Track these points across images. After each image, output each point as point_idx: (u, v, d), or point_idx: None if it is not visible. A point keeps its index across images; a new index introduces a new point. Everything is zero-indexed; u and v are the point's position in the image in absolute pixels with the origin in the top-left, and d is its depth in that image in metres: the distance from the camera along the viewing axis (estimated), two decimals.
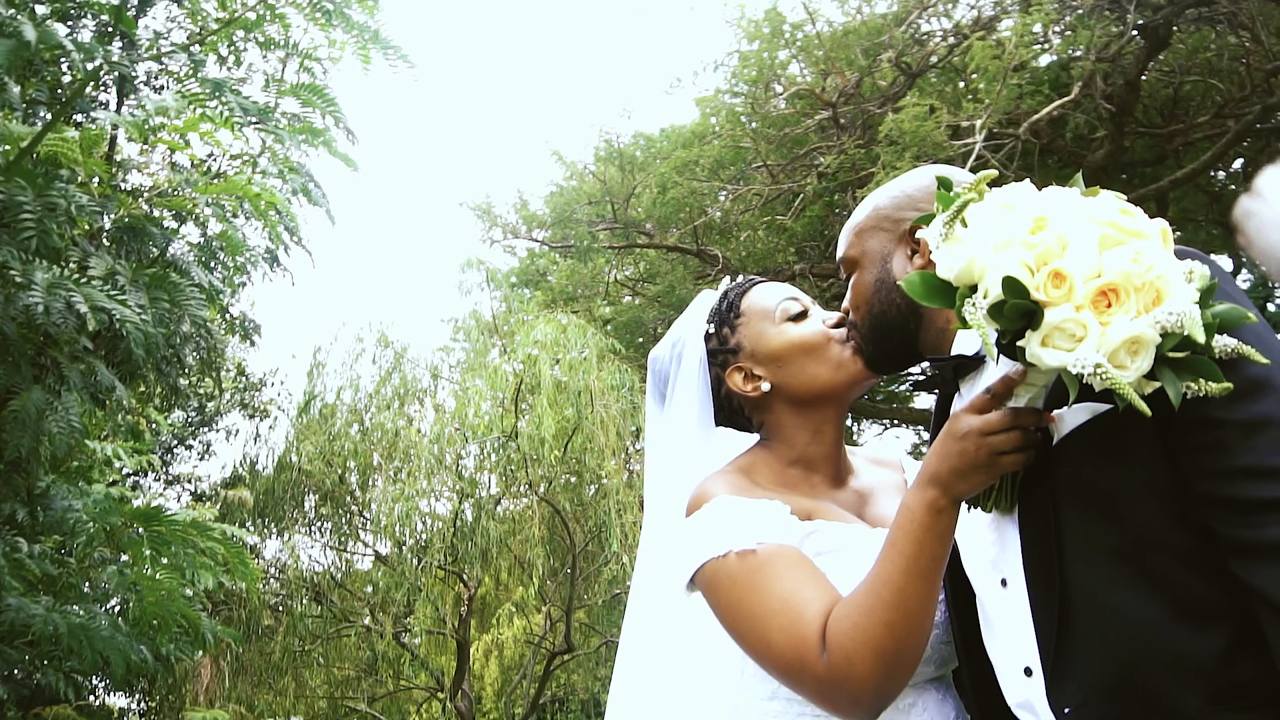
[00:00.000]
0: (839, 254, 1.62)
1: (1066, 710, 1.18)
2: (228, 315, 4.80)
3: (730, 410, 1.69)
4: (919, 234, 1.30)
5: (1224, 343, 1.09)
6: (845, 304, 1.59)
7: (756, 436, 1.69)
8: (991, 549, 1.32)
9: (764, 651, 1.36)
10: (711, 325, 1.69)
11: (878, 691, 1.28)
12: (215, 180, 3.30)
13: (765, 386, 1.62)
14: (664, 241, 12.84)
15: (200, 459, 10.96)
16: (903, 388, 13.70)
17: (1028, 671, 1.25)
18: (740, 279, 1.76)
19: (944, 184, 1.25)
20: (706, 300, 1.75)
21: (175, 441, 10.13)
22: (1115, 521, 1.16)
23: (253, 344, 4.81)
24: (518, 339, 10.14)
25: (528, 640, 12.91)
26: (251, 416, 10.46)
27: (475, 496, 9.97)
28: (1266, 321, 1.18)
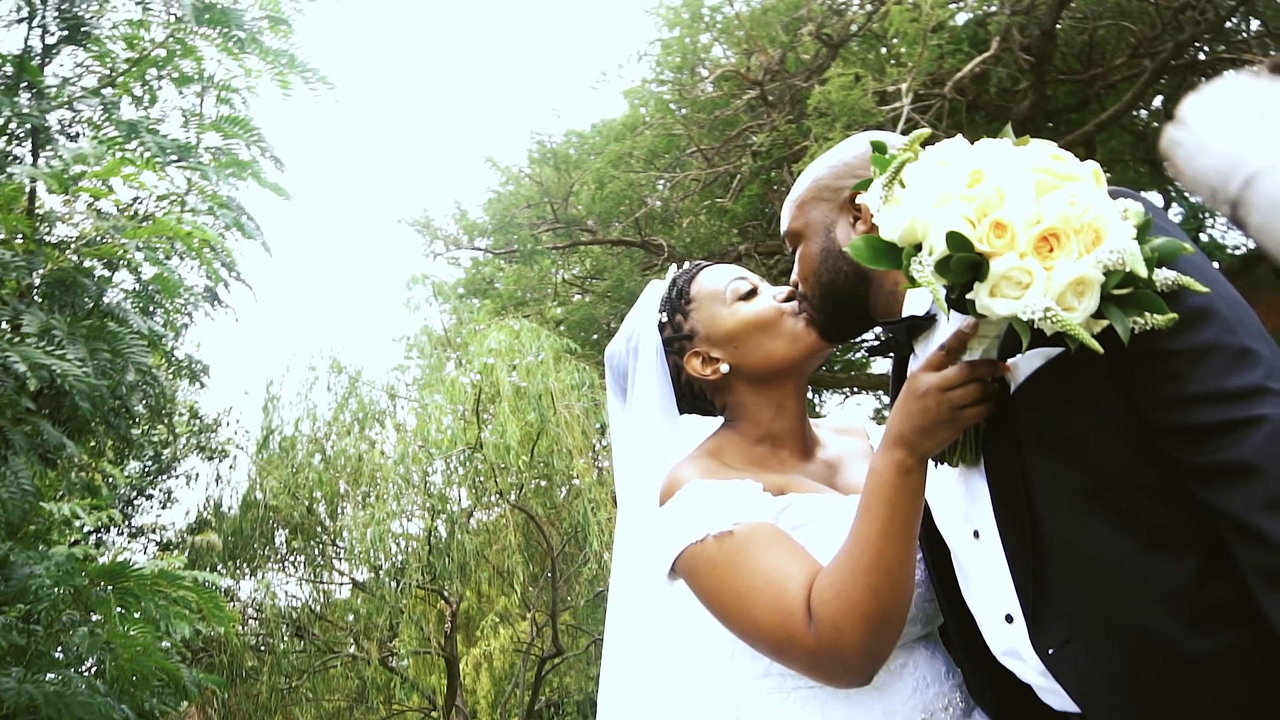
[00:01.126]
0: (783, 228, 1.62)
1: (1050, 651, 1.20)
2: (173, 359, 4.70)
3: (692, 396, 1.70)
4: (859, 199, 1.31)
5: (1165, 275, 1.11)
6: (794, 277, 1.59)
7: (721, 419, 1.69)
8: (961, 502, 1.33)
9: (751, 630, 1.36)
10: (664, 314, 1.69)
11: (868, 656, 1.29)
12: (144, 224, 3.22)
13: (724, 368, 1.62)
14: (607, 236, 12.83)
15: (162, 508, 10.73)
16: (858, 355, 13.83)
17: (1008, 618, 1.26)
18: (687, 265, 1.75)
19: (878, 148, 1.26)
20: (656, 290, 1.75)
21: (134, 493, 9.90)
22: (1079, 462, 1.18)
23: (202, 385, 4.72)
24: (472, 349, 10.06)
25: (516, 649, 12.85)
26: (210, 459, 10.26)
27: (447, 512, 9.89)
28: (1201, 251, 1.21)
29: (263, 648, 10.03)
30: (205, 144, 3.38)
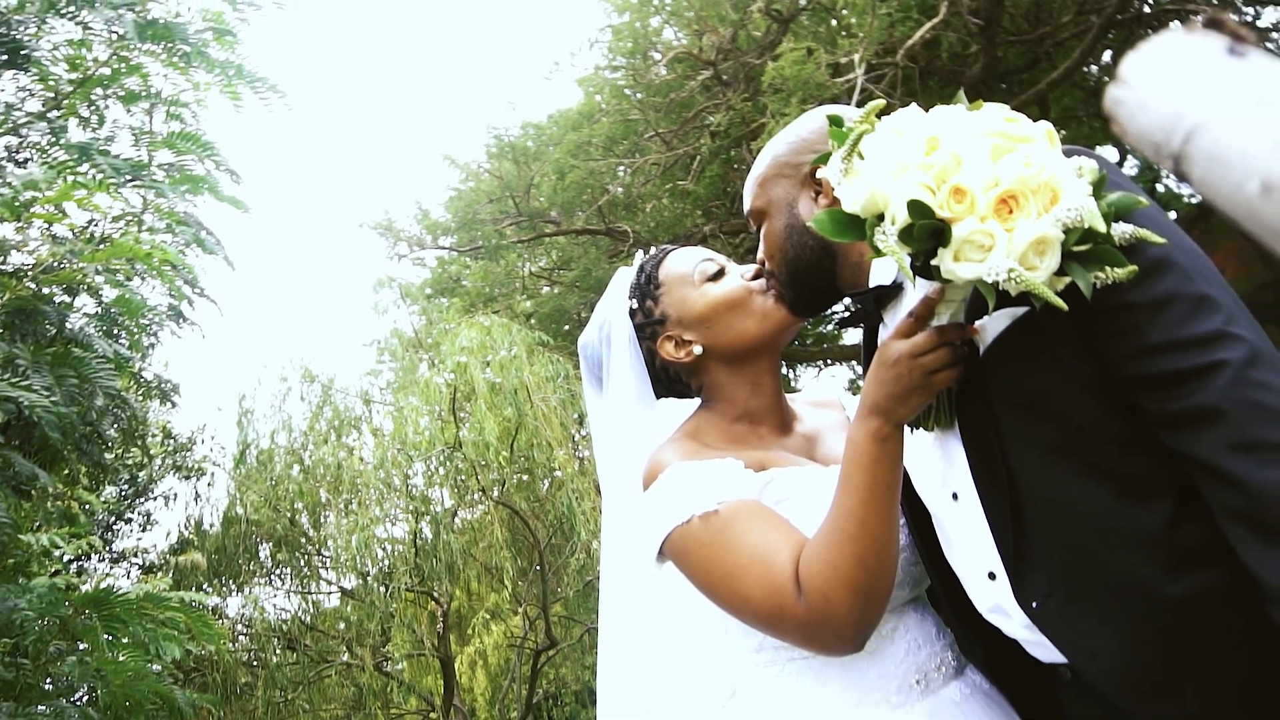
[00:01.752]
0: (746, 207, 1.63)
1: (1034, 605, 1.23)
2: (141, 380, 4.64)
3: (668, 380, 1.71)
4: (819, 174, 1.32)
5: (1122, 230, 1.13)
6: (760, 254, 1.61)
7: (698, 401, 1.71)
8: (939, 466, 1.35)
9: (743, 606, 1.37)
10: (634, 301, 1.69)
11: (859, 623, 1.31)
12: (101, 246, 3.17)
13: (697, 349, 1.63)
14: (571, 227, 12.80)
15: (142, 531, 10.61)
16: (830, 327, 13.90)
17: (991, 576, 1.29)
18: (653, 250, 1.76)
19: (835, 122, 1.27)
20: (625, 277, 1.75)
21: (113, 518, 9.79)
22: (1051, 419, 1.20)
23: (174, 405, 4.66)
24: (443, 349, 10.01)
25: (510, 644, 12.85)
26: (187, 478, 10.15)
27: (430, 513, 9.85)
28: (1156, 204, 1.23)
29: (255, 663, 9.98)
30: (158, 161, 3.33)
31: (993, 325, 1.24)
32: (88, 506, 6.10)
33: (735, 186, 12.07)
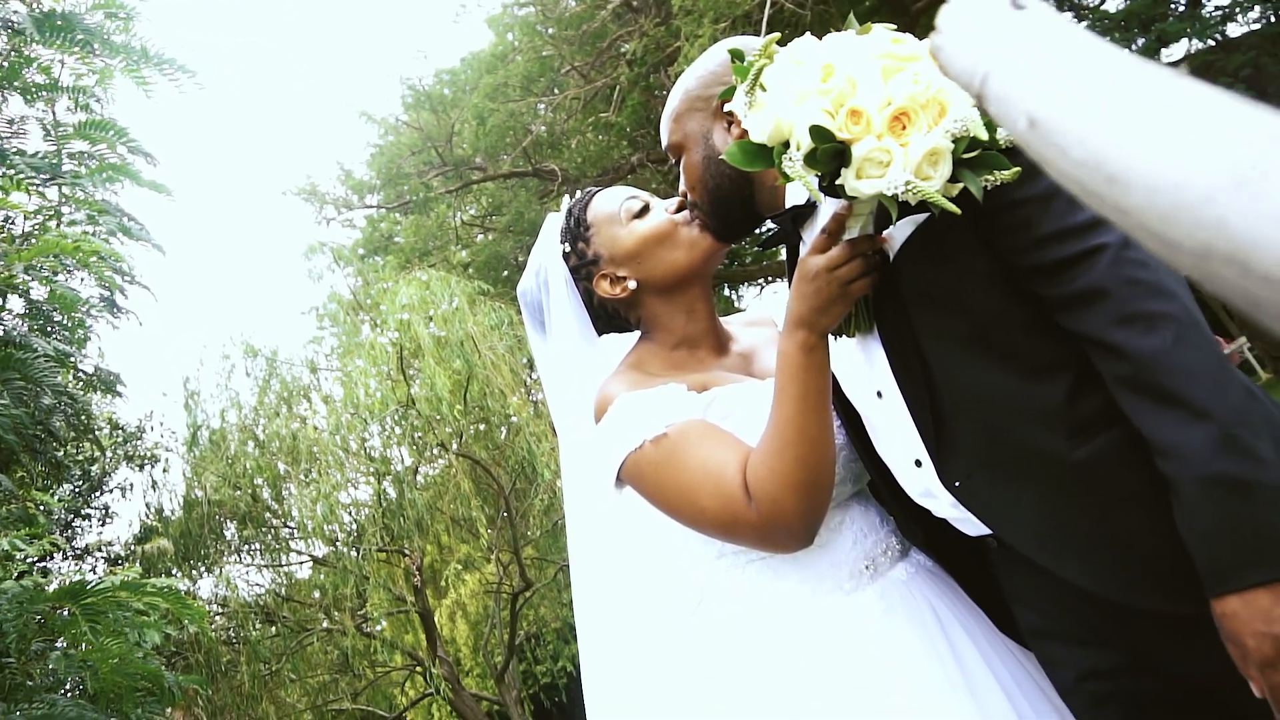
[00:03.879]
0: (664, 143, 1.70)
1: (957, 485, 1.35)
2: (81, 374, 4.57)
3: (608, 316, 1.78)
4: (727, 107, 1.39)
5: (1005, 133, 1.23)
6: (681, 187, 1.68)
7: (638, 333, 1.79)
8: (863, 368, 1.46)
9: (699, 518, 1.48)
10: (566, 244, 1.76)
11: (806, 520, 1.43)
12: (24, 245, 3.11)
13: (631, 285, 1.71)
14: (498, 171, 12.68)
15: (102, 525, 10.51)
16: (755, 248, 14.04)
17: (917, 463, 1.41)
18: (579, 194, 1.82)
19: (737, 55, 1.34)
20: (555, 223, 1.82)
21: (71, 516, 9.68)
22: (959, 312, 1.31)
23: (118, 395, 4.62)
24: (384, 308, 9.95)
25: (486, 591, 13.05)
26: (141, 467, 10.04)
27: (391, 473, 9.89)
28: None
29: (236, 640, 10.03)
30: (72, 150, 3.26)
31: (899, 233, 1.33)
32: (44, 506, 6.05)
33: (658, 114, 12.00)
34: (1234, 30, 14.50)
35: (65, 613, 3.09)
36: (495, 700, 12.97)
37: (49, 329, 3.47)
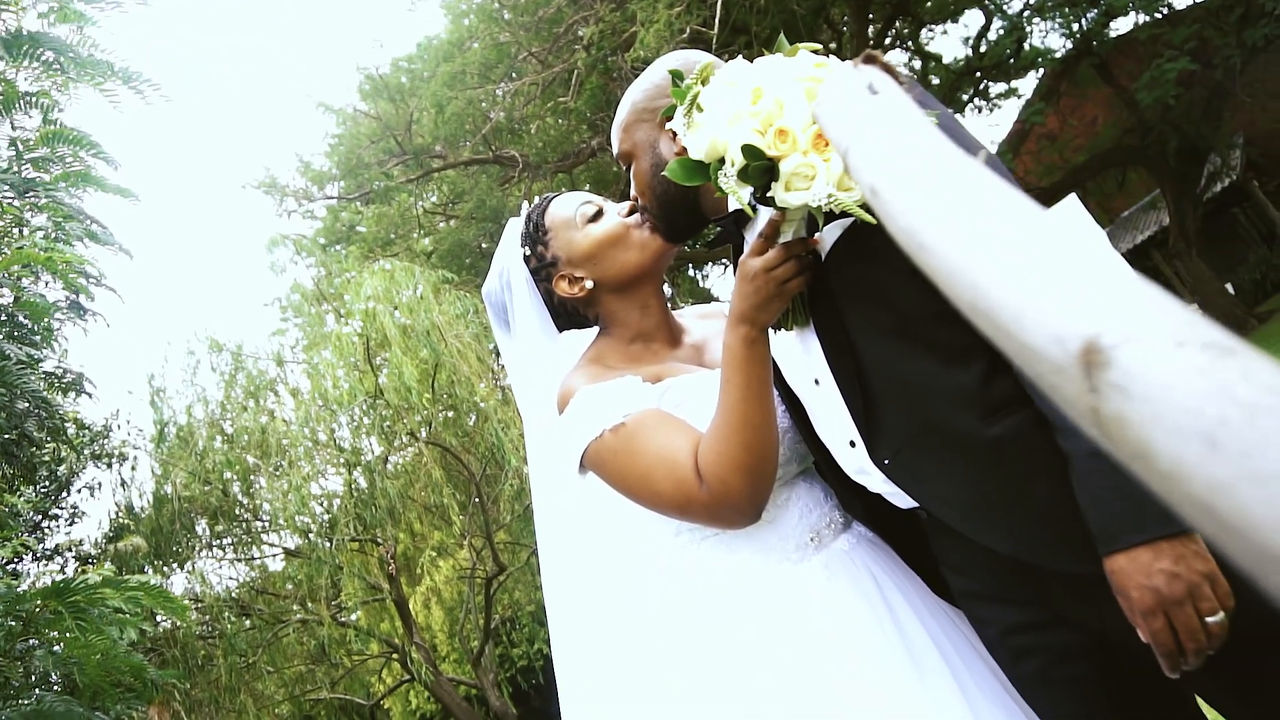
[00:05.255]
0: (615, 151, 1.82)
1: (886, 462, 1.49)
2: (48, 376, 4.60)
3: (567, 314, 1.91)
4: (667, 126, 1.52)
5: None
6: (632, 192, 1.80)
7: (596, 329, 1.92)
8: (801, 358, 1.60)
9: (656, 499, 1.61)
10: (526, 248, 1.88)
11: (753, 498, 1.56)
12: None
13: (589, 284, 1.84)
14: (458, 159, 12.68)
15: (70, 525, 10.48)
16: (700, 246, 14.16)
17: (852, 444, 1.55)
18: (536, 200, 1.94)
19: (676, 77, 1.46)
20: (515, 228, 1.94)
21: (39, 516, 9.65)
22: (884, 306, 1.45)
23: (89, 395, 4.65)
24: (348, 299, 9.98)
25: (460, 576, 13.15)
26: (109, 466, 10.02)
27: (362, 463, 9.96)
28: (949, 112, 1.46)
29: (211, 634, 10.07)
30: (36, 158, 3.29)
31: (829, 235, 1.47)
32: (13, 509, 6.06)
33: (617, 96, 12.06)
34: (1180, 3, 14.82)
35: (48, 612, 3.17)
36: (473, 684, 13.11)
37: (15, 334, 3.52)
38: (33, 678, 3.58)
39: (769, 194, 1.33)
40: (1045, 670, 1.51)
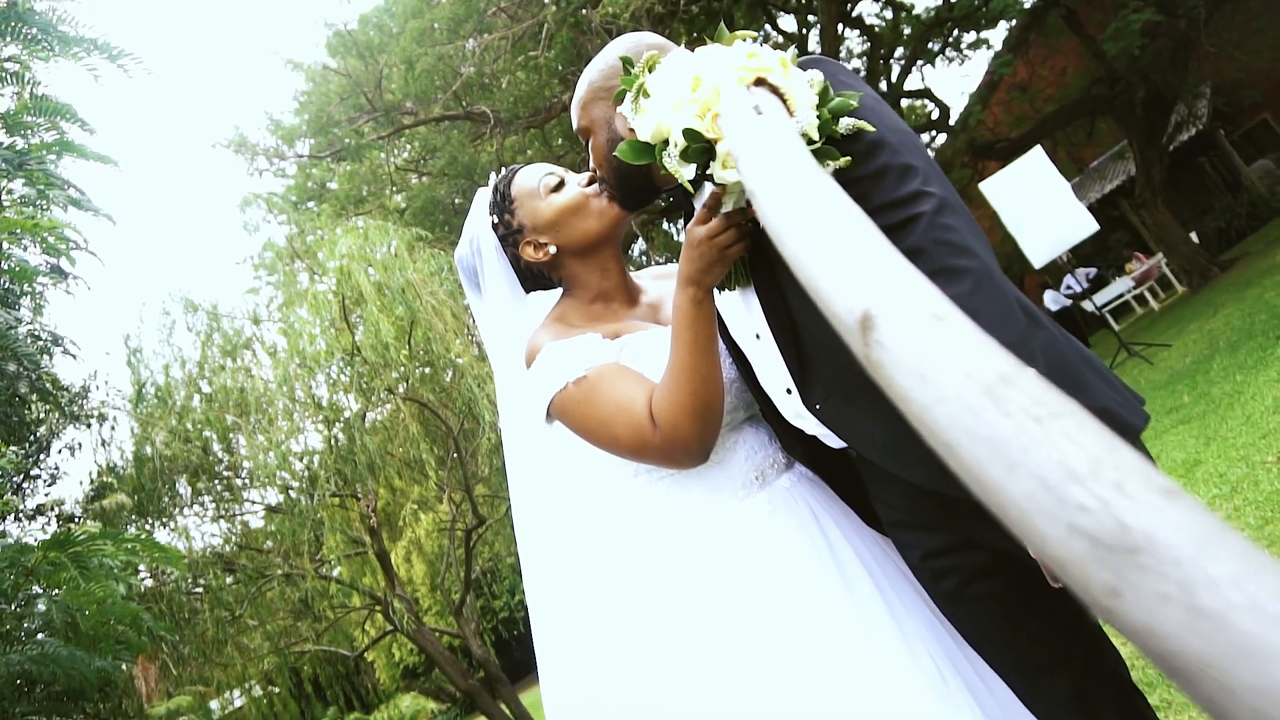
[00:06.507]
0: (575, 126, 1.98)
1: (818, 407, 1.68)
2: (37, 338, 4.69)
3: (534, 276, 2.08)
4: (618, 110, 1.67)
5: (847, 123, 1.53)
6: (591, 164, 1.97)
7: (560, 290, 2.09)
8: (744, 315, 1.78)
9: (614, 444, 1.80)
10: (494, 216, 2.04)
11: (701, 440, 1.75)
12: None
13: (552, 249, 2.00)
14: (429, 115, 12.66)
15: (49, 485, 10.56)
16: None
17: (789, 391, 1.74)
18: (503, 171, 2.10)
19: (627, 64, 1.62)
20: (483, 197, 2.10)
21: (20, 477, 9.73)
22: None
23: (73, 356, 4.74)
24: (321, 256, 10.03)
25: (440, 529, 13.37)
26: (88, 426, 10.10)
27: (341, 419, 10.08)
28: (874, 94, 1.63)
29: (197, 589, 10.25)
30: (15, 125, 3.38)
31: None
32: (3, 470, 6.18)
33: (587, 51, 12.06)
34: None
35: (48, 564, 3.33)
36: (455, 634, 13.40)
37: (5, 299, 3.62)
38: (36, 624, 3.75)
39: (708, 171, 1.50)
40: (960, 588, 1.72)
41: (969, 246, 1.49)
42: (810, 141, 1.47)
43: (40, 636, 3.45)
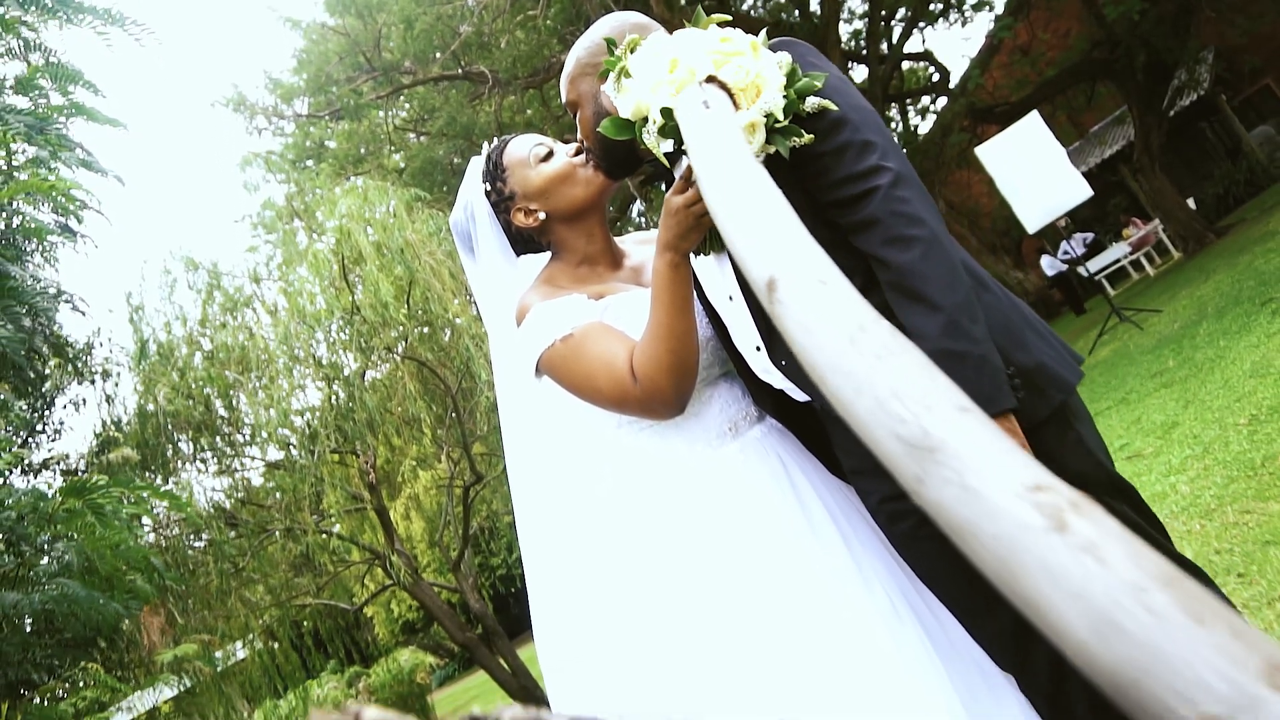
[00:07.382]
0: (563, 99, 2.11)
1: (783, 363, 1.83)
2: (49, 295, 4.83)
3: (524, 240, 2.22)
4: (602, 89, 1.80)
5: (812, 102, 1.66)
6: (579, 135, 2.10)
7: (549, 254, 2.23)
8: (718, 278, 1.92)
9: (598, 396, 1.95)
10: (487, 184, 2.18)
11: (677, 393, 1.90)
12: (3, 184, 3.36)
13: (541, 215, 2.14)
14: (428, 75, 12.68)
15: (52, 440, 10.74)
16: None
17: (758, 349, 1.88)
18: (495, 141, 2.23)
19: (610, 44, 1.74)
20: (477, 165, 2.23)
21: (25, 431, 9.90)
22: None
23: (81, 313, 4.86)
24: (320, 216, 10.13)
25: (438, 486, 13.58)
26: (92, 382, 10.26)
27: (341, 377, 10.24)
28: (840, 73, 1.76)
29: (200, 543, 10.47)
30: (30, 90, 3.49)
31: None
32: (17, 420, 6.33)
33: (587, 11, 12.05)
34: None
35: (64, 510, 3.50)
36: (453, 589, 13.66)
37: (19, 257, 3.75)
38: (54, 568, 3.92)
39: (683, 147, 1.63)
40: (914, 530, 1.88)
41: (920, 217, 1.63)
42: (776, 120, 1.61)
43: (60, 579, 3.63)
